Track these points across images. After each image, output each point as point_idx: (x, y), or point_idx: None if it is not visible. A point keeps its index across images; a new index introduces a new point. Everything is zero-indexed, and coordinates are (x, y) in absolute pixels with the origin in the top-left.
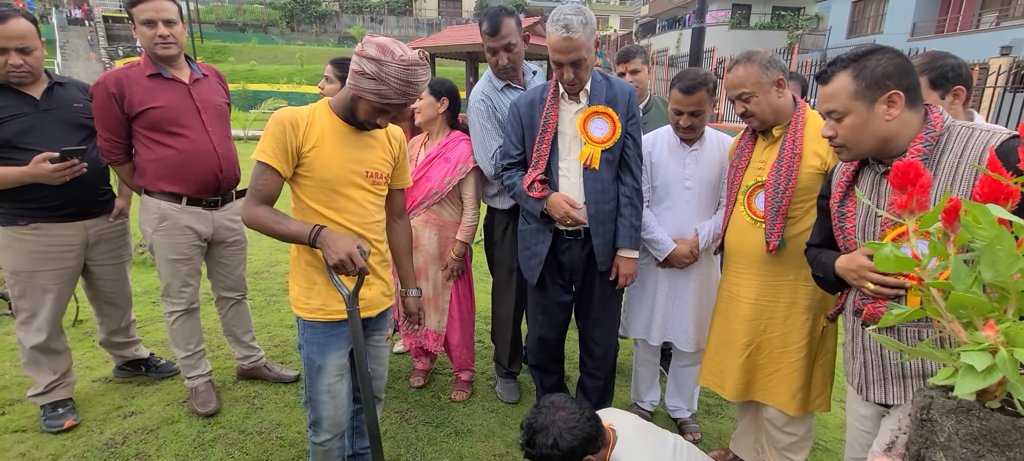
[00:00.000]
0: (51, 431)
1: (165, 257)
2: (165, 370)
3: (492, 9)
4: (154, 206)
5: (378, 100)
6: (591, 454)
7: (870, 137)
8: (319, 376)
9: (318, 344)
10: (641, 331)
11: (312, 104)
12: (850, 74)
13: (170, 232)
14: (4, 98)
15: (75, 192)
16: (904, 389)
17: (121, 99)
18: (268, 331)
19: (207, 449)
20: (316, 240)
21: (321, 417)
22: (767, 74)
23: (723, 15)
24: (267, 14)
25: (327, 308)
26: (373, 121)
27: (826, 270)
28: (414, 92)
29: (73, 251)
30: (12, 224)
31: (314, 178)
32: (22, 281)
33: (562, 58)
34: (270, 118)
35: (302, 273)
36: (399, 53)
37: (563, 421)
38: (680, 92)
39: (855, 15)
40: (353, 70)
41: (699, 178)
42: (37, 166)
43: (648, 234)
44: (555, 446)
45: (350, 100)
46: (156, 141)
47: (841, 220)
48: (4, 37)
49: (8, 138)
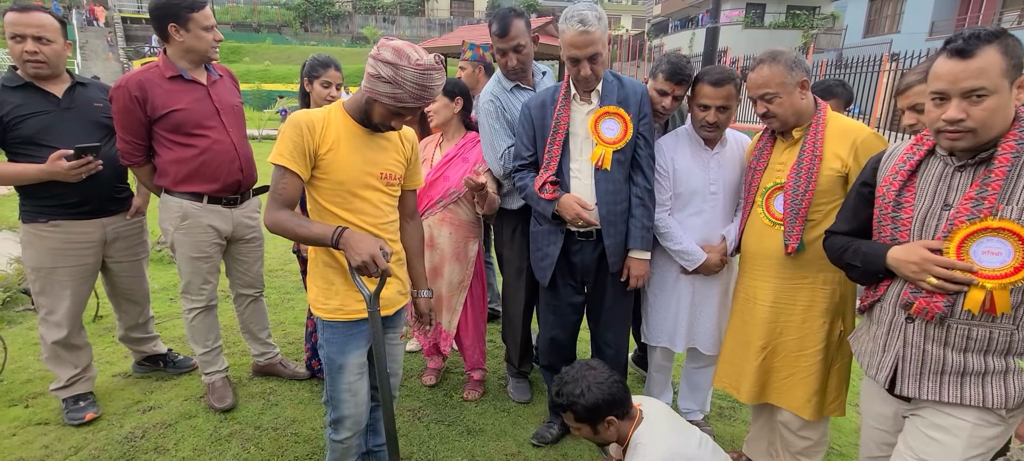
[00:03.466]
0: (73, 423)
1: (186, 255)
2: (183, 366)
3: (502, 10)
4: (176, 205)
5: (393, 103)
6: (615, 417)
7: (1001, 122)
8: (340, 375)
9: (338, 344)
10: (665, 339)
11: (326, 106)
12: (998, 49)
13: (192, 230)
14: (26, 96)
15: (93, 190)
16: (940, 386)
17: (144, 102)
18: (282, 328)
19: (223, 444)
20: (339, 241)
21: (343, 416)
22: (792, 74)
23: (737, 14)
24: (281, 15)
25: (346, 308)
26: (388, 124)
27: (870, 260)
28: (429, 96)
29: (91, 248)
30: (33, 221)
31: (330, 180)
32: (42, 277)
33: (579, 53)
34: (286, 121)
35: (320, 274)
36: (415, 57)
37: (593, 377)
38: (709, 85)
39: (872, 14)
40: (368, 73)
41: (724, 182)
42: (53, 164)
43: (677, 245)
44: (582, 396)
45: (365, 103)
46: (179, 142)
47: (896, 209)
48: (22, 24)
49: (29, 135)
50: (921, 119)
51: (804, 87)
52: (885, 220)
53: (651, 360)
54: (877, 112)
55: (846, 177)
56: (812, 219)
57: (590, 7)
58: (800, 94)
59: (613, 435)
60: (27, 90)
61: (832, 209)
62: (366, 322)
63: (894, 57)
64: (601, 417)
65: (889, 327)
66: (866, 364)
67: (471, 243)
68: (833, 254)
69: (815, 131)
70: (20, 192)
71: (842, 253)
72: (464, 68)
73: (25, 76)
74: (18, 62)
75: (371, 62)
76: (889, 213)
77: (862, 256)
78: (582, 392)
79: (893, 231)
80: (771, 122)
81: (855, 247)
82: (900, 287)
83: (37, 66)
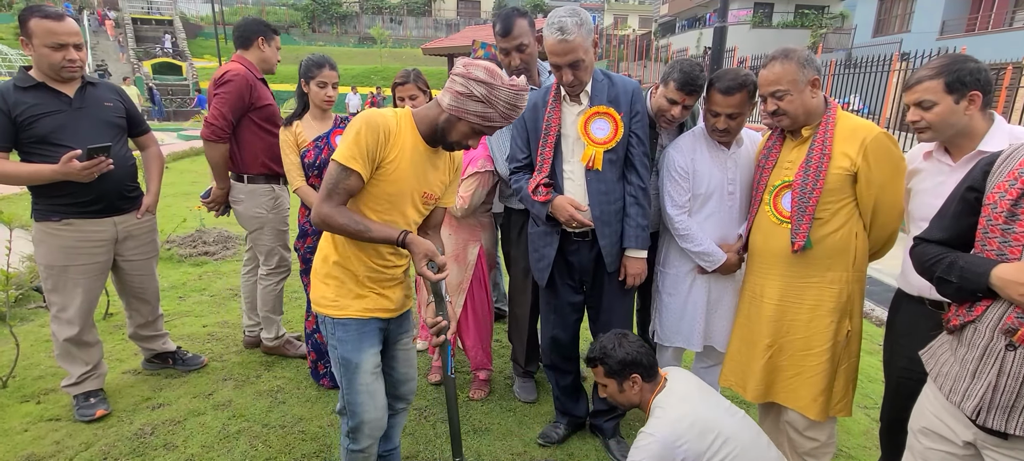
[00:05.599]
0: (83, 420)
1: (276, 229)
2: (192, 363)
3: (505, 10)
4: (266, 188)
5: (482, 123)
6: (640, 377)
7: None
8: (356, 374)
9: (352, 342)
10: (681, 340)
11: (397, 110)
12: None
13: (280, 207)
14: (39, 96)
15: (105, 189)
16: None
17: (252, 92)
18: (289, 327)
19: (232, 441)
20: (405, 241)
21: (362, 421)
22: (803, 73)
23: (745, 14)
24: (289, 15)
25: (358, 305)
26: (465, 142)
27: (969, 277)
28: (516, 116)
29: (103, 246)
30: (46, 219)
31: (379, 189)
32: (55, 275)
33: (559, 61)
34: (361, 121)
35: (331, 274)
36: (507, 79)
37: (627, 339)
38: (719, 92)
39: (882, 13)
40: (457, 92)
41: (741, 181)
42: (66, 164)
43: (697, 247)
44: (614, 350)
45: (444, 121)
46: (267, 131)
47: (1008, 222)
48: (65, 33)
49: (43, 135)
50: (925, 116)
51: (815, 85)
52: (993, 232)
53: (660, 359)
54: (887, 112)
55: (854, 176)
56: (819, 217)
57: (571, 13)
58: (811, 93)
59: (636, 396)
60: (39, 90)
61: (840, 208)
62: (378, 321)
63: (904, 57)
64: (627, 374)
65: (984, 353)
66: (948, 390)
67: (471, 246)
68: (921, 265)
69: (824, 129)
70: (32, 191)
71: (933, 265)
72: None
73: (51, 78)
74: (51, 68)
75: (460, 81)
76: (999, 225)
77: (959, 271)
78: (614, 347)
79: (1002, 246)
80: (781, 120)
81: (951, 260)
82: (1003, 310)
83: (72, 72)
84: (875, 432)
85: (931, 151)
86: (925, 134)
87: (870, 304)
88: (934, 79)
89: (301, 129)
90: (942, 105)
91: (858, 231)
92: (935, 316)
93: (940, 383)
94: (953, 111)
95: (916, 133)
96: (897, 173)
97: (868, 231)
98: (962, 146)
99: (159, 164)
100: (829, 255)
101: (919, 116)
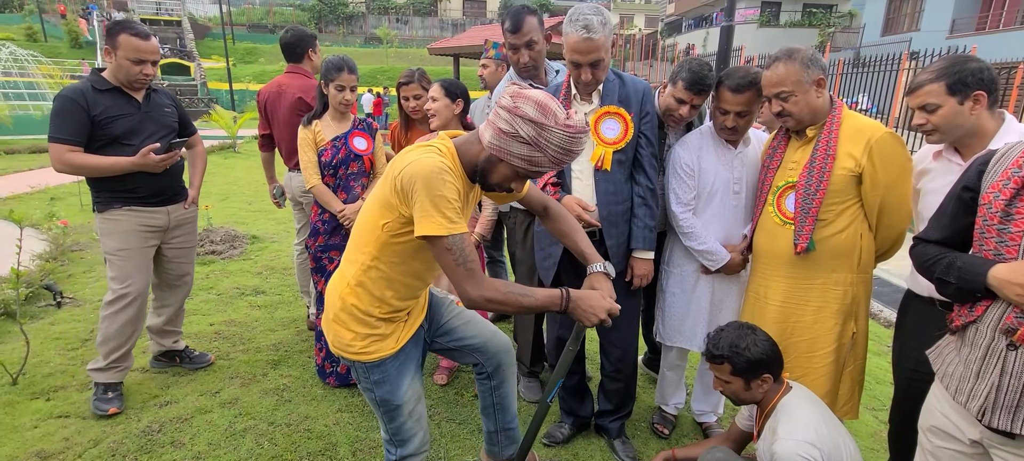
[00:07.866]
0: (97, 413)
1: (303, 207)
2: (199, 362)
3: (514, 8)
4: (299, 177)
5: (526, 167)
6: (769, 377)
7: None
8: (399, 413)
9: (391, 381)
10: (683, 340)
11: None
12: None
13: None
14: (114, 99)
15: (162, 181)
16: None
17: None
18: (296, 326)
19: (238, 439)
20: (569, 306)
21: (414, 449)
22: (808, 73)
23: (752, 13)
24: (296, 16)
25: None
26: (507, 186)
27: (966, 277)
28: (568, 161)
29: (156, 234)
30: (108, 208)
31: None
32: (124, 258)
33: (581, 59)
34: (435, 178)
35: (356, 319)
36: (562, 116)
37: (758, 336)
38: (729, 90)
39: (890, 12)
40: (501, 130)
41: (747, 181)
42: (145, 157)
43: (701, 245)
44: (747, 349)
45: (483, 160)
46: None
47: (1003, 221)
48: (149, 51)
49: (117, 135)
50: (930, 119)
51: (820, 85)
52: (989, 232)
53: (665, 359)
54: (895, 112)
55: (859, 177)
56: (824, 218)
57: (596, 11)
58: (816, 93)
59: (760, 395)
60: (114, 94)
61: (844, 209)
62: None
63: (913, 55)
64: (759, 373)
65: (986, 353)
66: (954, 390)
67: None
68: (921, 265)
69: (829, 130)
70: (93, 185)
71: (932, 265)
72: (487, 66)
73: (125, 85)
74: (128, 78)
75: (506, 117)
76: (995, 225)
77: (957, 271)
78: (748, 346)
79: (998, 246)
80: (786, 121)
81: (949, 260)
82: (1002, 310)
83: (144, 83)
84: (883, 434)
85: (941, 151)
86: (933, 137)
87: (878, 305)
88: (935, 82)
89: (320, 128)
90: (946, 107)
91: (863, 232)
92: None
93: (946, 383)
94: (958, 113)
95: (924, 136)
96: (903, 174)
97: (875, 232)
98: (972, 146)
99: (203, 161)
100: (834, 256)
101: (925, 119)
